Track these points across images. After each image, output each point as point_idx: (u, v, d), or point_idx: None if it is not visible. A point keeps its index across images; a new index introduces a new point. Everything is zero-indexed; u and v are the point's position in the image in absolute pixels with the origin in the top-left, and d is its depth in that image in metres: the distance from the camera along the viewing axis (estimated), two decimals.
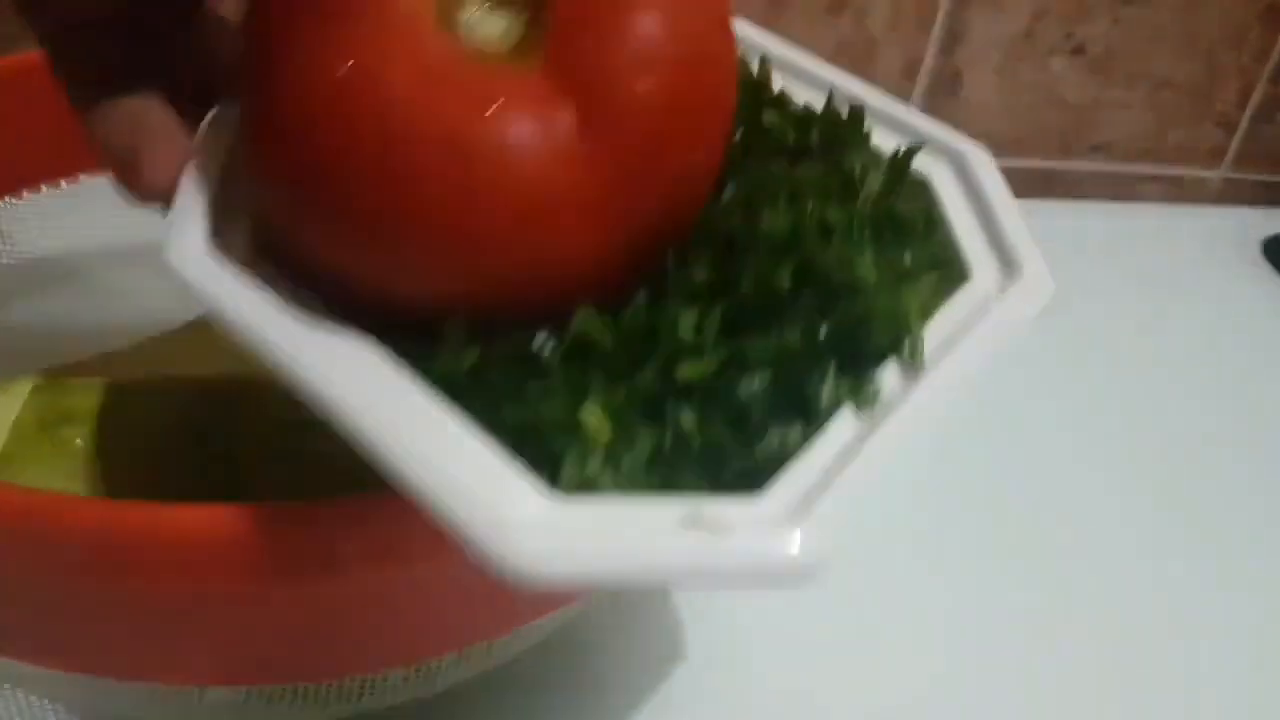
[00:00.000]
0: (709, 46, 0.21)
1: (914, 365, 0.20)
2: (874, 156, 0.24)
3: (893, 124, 0.26)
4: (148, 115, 0.23)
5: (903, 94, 0.64)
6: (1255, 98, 0.69)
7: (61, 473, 0.27)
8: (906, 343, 0.21)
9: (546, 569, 0.16)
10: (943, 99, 0.65)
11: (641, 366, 0.20)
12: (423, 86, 0.19)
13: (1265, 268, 0.65)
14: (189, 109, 0.23)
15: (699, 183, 0.21)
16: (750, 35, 0.27)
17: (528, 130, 0.19)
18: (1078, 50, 0.65)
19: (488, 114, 0.19)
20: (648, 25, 0.19)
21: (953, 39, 0.63)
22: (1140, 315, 0.58)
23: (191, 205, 0.21)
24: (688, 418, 0.19)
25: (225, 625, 0.23)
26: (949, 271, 0.23)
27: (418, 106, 0.19)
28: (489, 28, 0.20)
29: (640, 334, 0.20)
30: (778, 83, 0.26)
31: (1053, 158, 0.70)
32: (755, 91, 0.25)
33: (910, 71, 0.64)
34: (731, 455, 0.19)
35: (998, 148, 0.67)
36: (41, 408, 0.27)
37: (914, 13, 0.62)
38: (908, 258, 0.22)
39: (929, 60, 0.64)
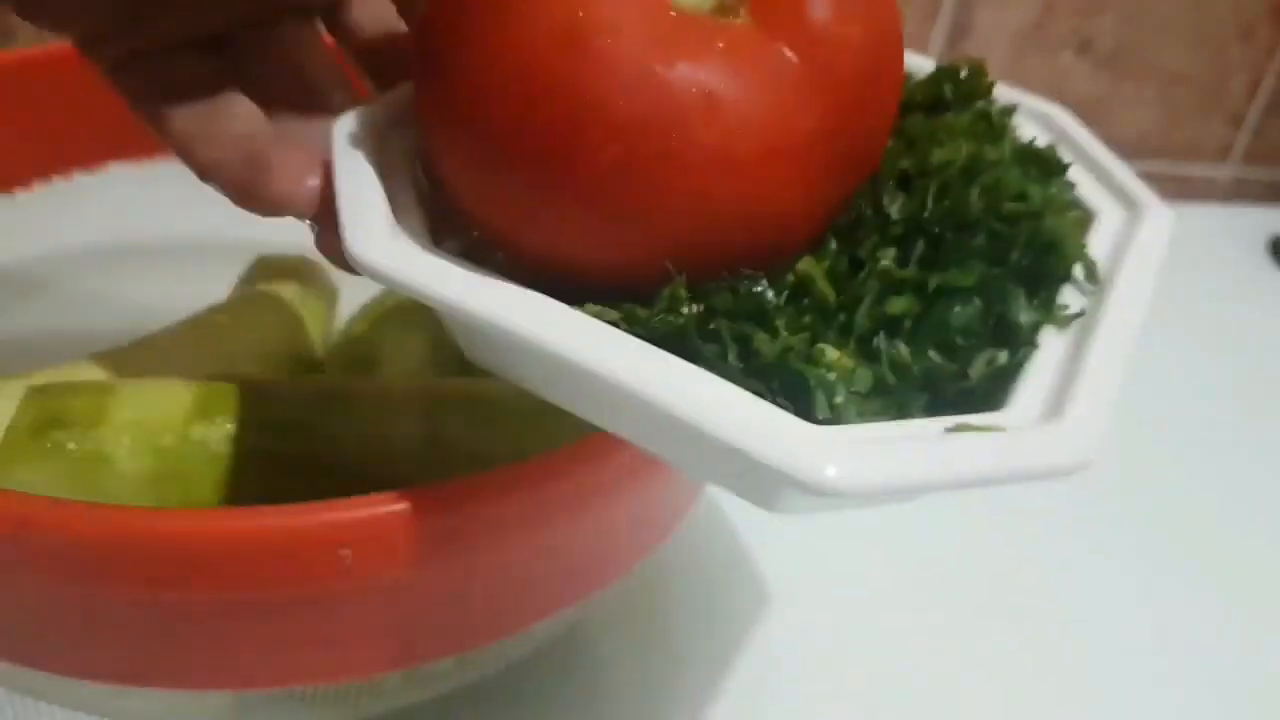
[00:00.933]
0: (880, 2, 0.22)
1: (1093, 286, 0.22)
2: (1002, 109, 0.26)
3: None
4: (258, 126, 0.22)
5: None
6: (1264, 94, 0.69)
7: (56, 477, 0.26)
8: (1079, 266, 0.22)
9: (862, 480, 0.17)
10: None
11: (856, 305, 0.20)
12: (657, 36, 0.19)
13: (1273, 266, 0.65)
14: (282, 116, 0.23)
15: (887, 125, 0.22)
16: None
17: (761, 70, 0.19)
18: (1086, 45, 0.65)
19: (724, 52, 0.19)
20: None
21: (960, 31, 0.63)
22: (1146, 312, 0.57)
23: (359, 200, 0.21)
24: (902, 349, 0.20)
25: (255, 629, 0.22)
26: (1083, 210, 0.24)
27: (660, 52, 0.18)
28: None
29: (845, 274, 0.21)
30: None
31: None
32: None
33: None
34: (949, 380, 0.20)
35: None
36: (34, 411, 0.26)
37: (921, 5, 0.61)
38: (1055, 192, 0.23)
39: (935, 53, 0.63)
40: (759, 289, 0.20)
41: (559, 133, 0.19)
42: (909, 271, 0.21)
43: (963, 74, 0.26)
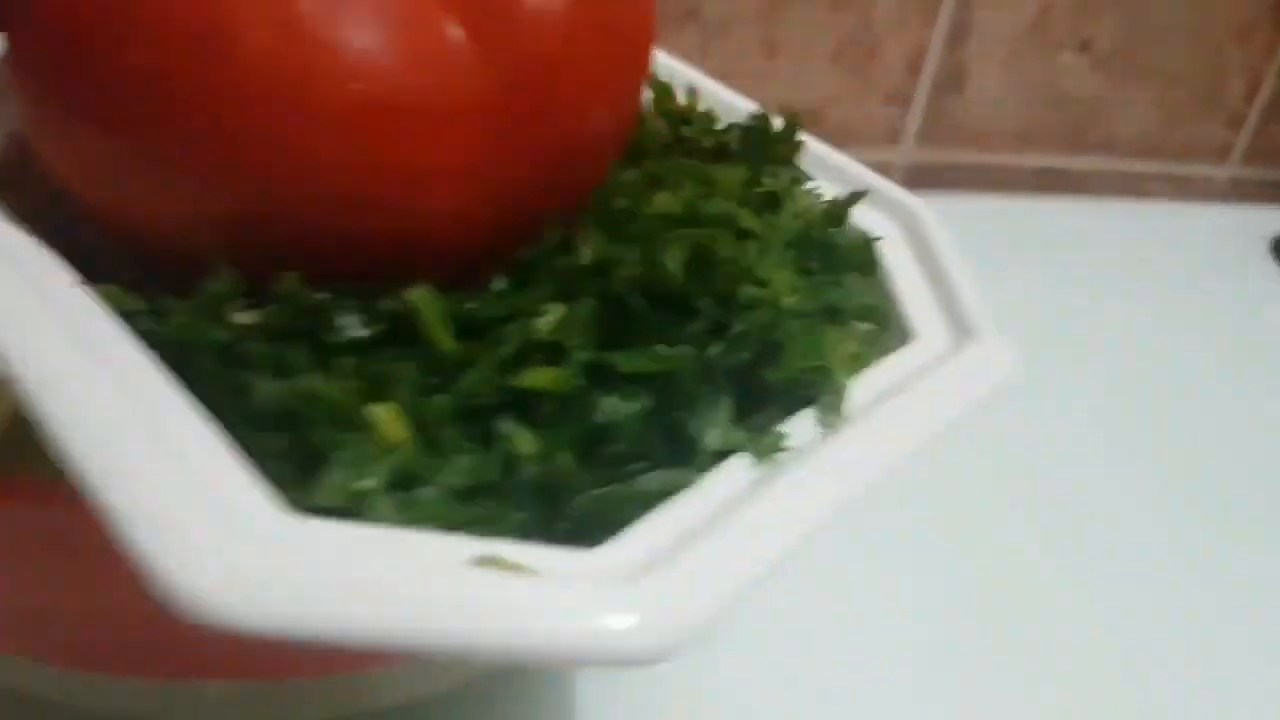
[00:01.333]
0: None
1: (832, 419, 0.16)
2: (805, 178, 0.21)
3: (831, 171, 0.22)
4: None
5: (907, 89, 0.64)
6: (1263, 94, 0.69)
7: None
8: (826, 390, 0.16)
9: (238, 607, 0.11)
10: (948, 95, 0.65)
11: (479, 364, 0.15)
12: None
13: (1273, 266, 0.65)
14: None
15: (596, 145, 0.18)
16: (681, 69, 0.24)
17: (411, 33, 0.15)
18: (1085, 45, 0.65)
19: (371, 9, 0.15)
20: None
21: (958, 34, 0.63)
22: (1147, 313, 0.57)
23: None
24: (525, 440, 0.14)
25: None
26: (887, 330, 0.19)
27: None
28: None
29: (487, 322, 0.16)
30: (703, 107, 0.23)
31: (1059, 154, 0.69)
32: (676, 114, 0.23)
33: (915, 67, 0.63)
34: (574, 494, 0.14)
35: (1003, 144, 0.67)
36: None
37: (919, 7, 0.61)
38: (838, 295, 0.18)
39: (934, 55, 0.63)
40: (343, 311, 0.15)
41: (130, 39, 0.15)
42: (569, 337, 0.15)
43: (774, 128, 0.21)
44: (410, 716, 0.26)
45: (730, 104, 0.23)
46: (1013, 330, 0.55)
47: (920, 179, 0.67)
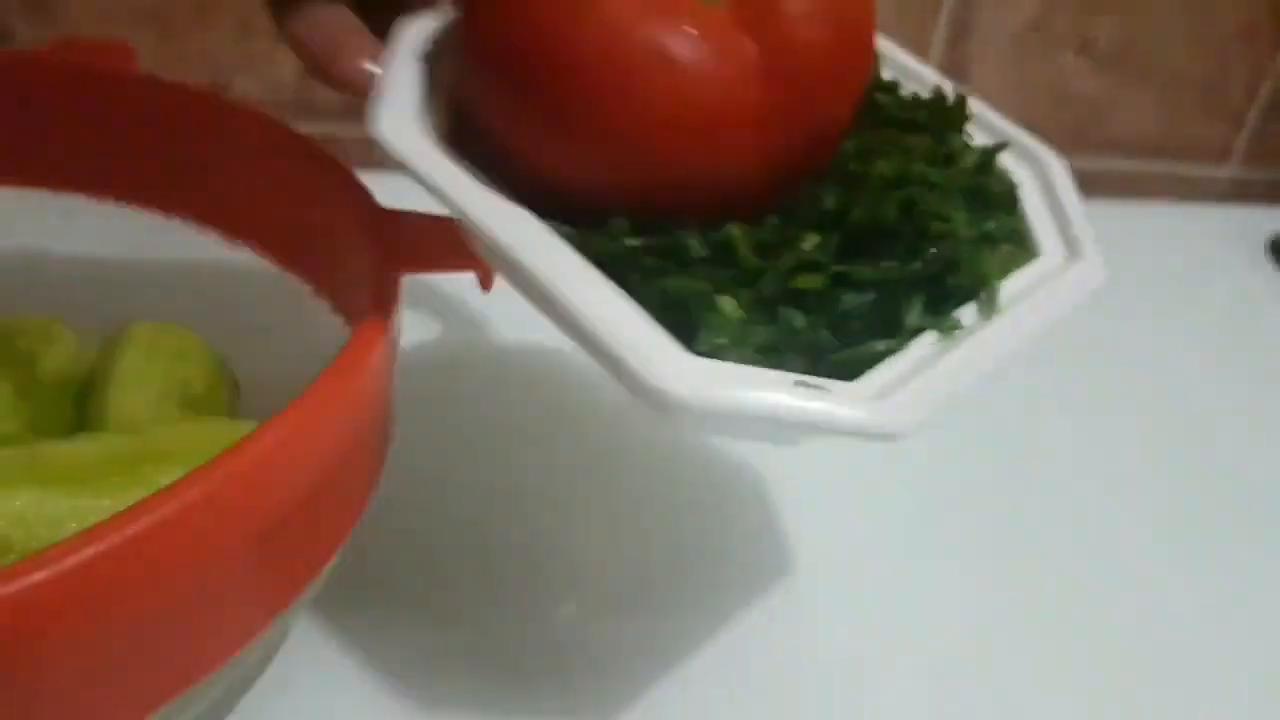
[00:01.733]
0: (856, 14, 0.26)
1: (989, 311, 0.25)
2: (970, 141, 0.29)
3: (986, 126, 0.30)
4: (340, 18, 0.28)
5: None
6: (1265, 94, 0.69)
7: None
8: (985, 292, 0.25)
9: (695, 399, 0.20)
10: None
11: (767, 273, 0.24)
12: (646, 7, 0.23)
13: (1272, 266, 0.65)
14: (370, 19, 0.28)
15: (837, 126, 0.26)
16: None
17: (719, 50, 0.23)
18: (1087, 45, 0.65)
19: (688, 31, 0.23)
20: None
21: (960, 31, 0.63)
22: (1148, 312, 0.57)
23: (396, 91, 0.25)
24: (798, 318, 0.23)
25: None
26: (1024, 247, 0.27)
27: (642, 18, 0.23)
28: None
29: (772, 246, 0.24)
30: (888, 74, 0.31)
31: (1061, 153, 0.69)
32: (876, 85, 0.30)
33: None
34: (829, 353, 0.23)
35: None
36: None
37: (919, 5, 0.61)
38: (992, 225, 0.26)
39: (936, 53, 0.63)
40: (691, 239, 0.24)
41: (556, 65, 0.23)
42: (822, 256, 0.24)
43: (949, 101, 0.29)
44: None
45: (906, 67, 0.31)
46: None
47: None
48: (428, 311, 0.47)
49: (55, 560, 0.17)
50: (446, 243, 0.29)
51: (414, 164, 0.23)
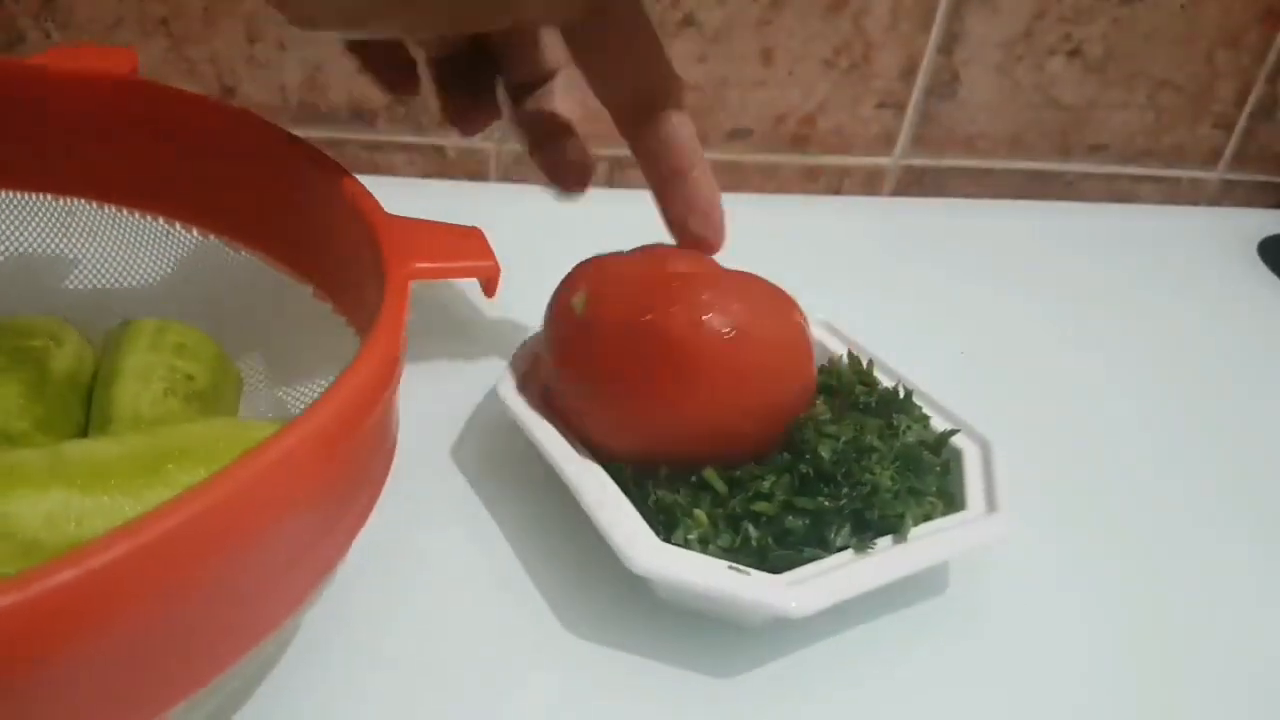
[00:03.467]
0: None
1: (900, 540, 0.33)
2: (923, 420, 0.38)
3: (945, 413, 0.39)
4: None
5: (901, 95, 0.65)
6: (1253, 98, 0.69)
7: None
8: (899, 526, 0.33)
9: (657, 572, 0.31)
10: (941, 100, 0.66)
11: (736, 498, 0.33)
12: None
13: (1261, 269, 0.65)
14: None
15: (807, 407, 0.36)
16: (862, 344, 0.42)
17: (788, 324, 0.36)
18: (1075, 51, 0.66)
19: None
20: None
21: (951, 39, 0.63)
22: (1136, 316, 0.58)
23: (511, 374, 0.38)
24: (753, 530, 0.33)
25: None
26: (951, 502, 0.36)
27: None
28: None
29: (741, 481, 0.34)
30: (876, 370, 0.41)
31: (1050, 158, 0.70)
32: (857, 374, 0.40)
33: (909, 72, 0.64)
34: (771, 555, 0.32)
35: (996, 148, 0.68)
36: None
37: (912, 13, 0.62)
38: (927, 483, 0.35)
39: (927, 61, 0.64)
40: (689, 481, 0.34)
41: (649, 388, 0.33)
42: (776, 491, 0.33)
43: (900, 394, 0.39)
44: None
45: (888, 366, 0.41)
46: (1006, 332, 0.56)
47: (913, 183, 0.68)
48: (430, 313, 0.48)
49: (90, 556, 0.18)
50: (452, 249, 0.29)
51: (515, 414, 0.36)
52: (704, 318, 0.32)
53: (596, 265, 0.35)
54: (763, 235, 0.44)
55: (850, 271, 0.58)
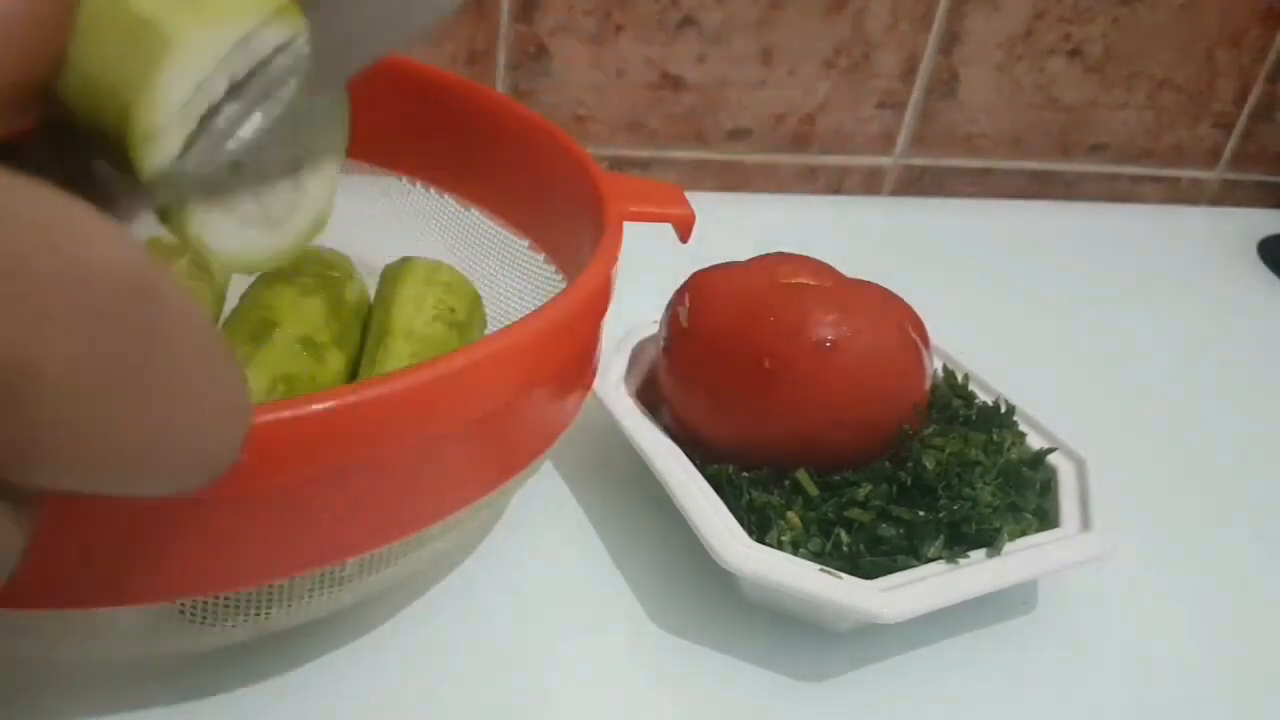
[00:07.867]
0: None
1: (994, 554, 0.33)
2: (1022, 437, 0.38)
3: (1043, 432, 0.39)
4: None
5: (901, 95, 0.65)
6: (1253, 98, 0.69)
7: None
8: (995, 540, 0.33)
9: (748, 570, 0.31)
10: (941, 99, 0.66)
11: (829, 502, 0.34)
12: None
13: (1261, 269, 0.65)
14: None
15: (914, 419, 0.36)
16: (960, 359, 0.43)
17: (896, 333, 0.35)
18: (1075, 51, 0.66)
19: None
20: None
21: (951, 39, 0.63)
22: (1137, 315, 0.58)
23: (612, 372, 0.39)
24: (845, 536, 0.33)
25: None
26: (1047, 519, 0.36)
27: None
28: None
29: (838, 486, 0.34)
30: (972, 384, 0.41)
31: (1051, 158, 0.70)
32: (953, 387, 0.41)
33: (909, 72, 0.64)
34: (862, 562, 0.32)
35: (995, 148, 0.68)
36: None
37: (912, 13, 0.62)
38: (1026, 499, 0.36)
39: (927, 60, 0.64)
40: (781, 482, 0.35)
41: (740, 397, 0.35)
42: (868, 497, 0.33)
43: (1002, 409, 0.39)
44: None
45: (984, 381, 0.41)
46: (1005, 331, 0.56)
47: (913, 183, 0.68)
48: None
49: (406, 377, 0.23)
50: (656, 199, 0.36)
51: (618, 418, 0.37)
52: (797, 329, 0.33)
53: (705, 277, 0.37)
54: (763, 235, 0.44)
55: (850, 271, 0.58)
